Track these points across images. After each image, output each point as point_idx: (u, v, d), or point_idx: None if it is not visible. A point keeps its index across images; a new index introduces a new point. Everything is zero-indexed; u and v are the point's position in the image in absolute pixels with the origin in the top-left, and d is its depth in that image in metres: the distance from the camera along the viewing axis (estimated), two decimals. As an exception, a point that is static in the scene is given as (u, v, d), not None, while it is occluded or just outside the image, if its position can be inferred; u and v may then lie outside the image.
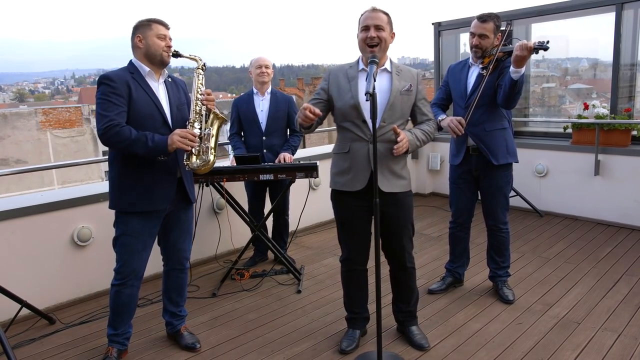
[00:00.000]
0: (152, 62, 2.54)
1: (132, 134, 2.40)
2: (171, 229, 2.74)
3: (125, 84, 2.45)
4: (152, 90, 2.54)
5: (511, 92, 2.86)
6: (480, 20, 3.01)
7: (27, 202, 3.37)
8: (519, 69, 2.77)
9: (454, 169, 3.30)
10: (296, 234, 4.64)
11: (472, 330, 2.89)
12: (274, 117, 3.84)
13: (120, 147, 2.43)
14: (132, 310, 2.70)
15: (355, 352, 2.70)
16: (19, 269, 3.24)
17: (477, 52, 3.05)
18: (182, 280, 2.86)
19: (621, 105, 4.87)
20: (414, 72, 2.62)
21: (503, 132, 3.12)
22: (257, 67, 3.84)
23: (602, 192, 4.78)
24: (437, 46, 6.32)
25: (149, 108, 2.50)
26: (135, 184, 2.52)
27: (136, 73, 2.52)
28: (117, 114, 2.40)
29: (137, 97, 2.47)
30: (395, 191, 2.55)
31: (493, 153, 3.08)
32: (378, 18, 2.45)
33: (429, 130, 2.62)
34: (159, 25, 2.54)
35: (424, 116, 2.64)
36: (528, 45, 2.71)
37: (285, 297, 3.48)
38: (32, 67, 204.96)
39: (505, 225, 3.25)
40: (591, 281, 3.51)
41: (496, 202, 3.19)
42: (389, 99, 2.50)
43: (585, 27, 5.54)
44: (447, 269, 3.50)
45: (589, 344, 2.71)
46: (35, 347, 2.92)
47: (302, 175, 3.49)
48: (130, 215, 2.55)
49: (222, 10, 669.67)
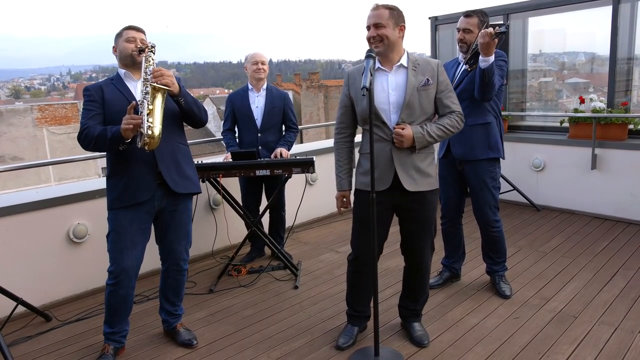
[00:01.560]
0: (127, 65, 2.63)
1: (96, 132, 2.46)
2: (167, 231, 2.71)
3: (98, 89, 2.58)
4: (127, 89, 2.61)
5: (482, 82, 2.84)
6: (465, 16, 3.04)
7: (23, 199, 3.35)
8: (487, 58, 2.76)
9: (441, 163, 3.30)
10: (293, 230, 4.63)
11: (469, 325, 2.90)
12: (270, 113, 3.81)
13: (92, 147, 2.50)
14: (128, 309, 2.69)
15: (352, 348, 2.70)
16: (15, 266, 3.22)
17: (462, 46, 3.07)
18: (179, 281, 2.84)
19: (618, 99, 4.87)
20: (433, 63, 2.51)
21: (486, 126, 3.09)
22: (253, 63, 3.81)
23: (599, 186, 4.79)
24: (434, 41, 6.31)
25: (120, 105, 2.52)
26: (120, 180, 2.56)
27: (116, 78, 2.65)
28: (90, 117, 2.52)
29: (110, 98, 2.56)
30: (421, 190, 2.51)
31: (471, 148, 3.08)
32: (376, 16, 2.42)
33: (449, 123, 2.50)
34: (128, 31, 2.63)
35: (445, 109, 2.52)
36: (488, 32, 2.71)
37: (283, 292, 3.48)
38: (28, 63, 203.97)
39: (497, 224, 3.20)
40: (588, 275, 3.52)
41: (482, 199, 3.14)
42: (405, 96, 2.44)
43: (582, 21, 5.53)
44: (444, 264, 3.50)
45: (585, 337, 2.71)
46: (31, 345, 2.91)
47: (298, 171, 3.48)
48: (117, 211, 2.56)
49: (219, 6, 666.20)
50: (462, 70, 3.11)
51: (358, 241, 2.64)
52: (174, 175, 2.63)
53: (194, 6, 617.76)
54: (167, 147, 2.58)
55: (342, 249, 4.24)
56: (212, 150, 29.26)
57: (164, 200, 2.64)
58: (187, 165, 2.72)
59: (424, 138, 2.45)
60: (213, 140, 5.76)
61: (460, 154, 3.12)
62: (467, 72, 3.04)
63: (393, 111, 2.46)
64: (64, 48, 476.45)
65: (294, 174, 3.51)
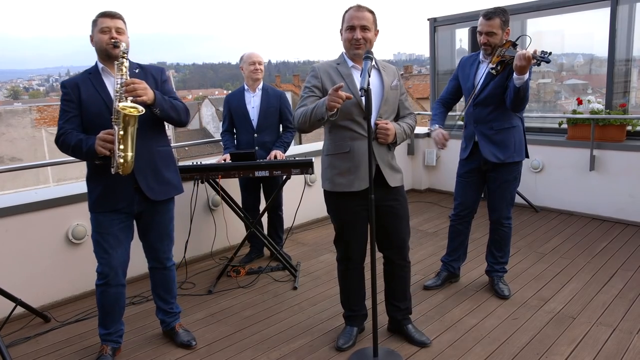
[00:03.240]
0: (103, 58, 2.51)
1: (72, 141, 2.40)
2: (148, 231, 2.68)
3: (75, 87, 2.46)
4: (105, 87, 2.49)
5: (516, 98, 2.86)
6: (485, 18, 2.96)
7: (21, 199, 3.35)
8: (521, 76, 2.77)
9: (462, 163, 3.29)
10: (292, 231, 4.63)
11: (468, 326, 2.90)
12: (266, 113, 3.80)
13: (70, 155, 2.47)
14: (122, 309, 2.68)
15: (351, 349, 2.70)
16: (14, 267, 3.22)
17: (486, 49, 3.03)
18: (168, 277, 2.81)
19: (616, 101, 4.88)
20: (393, 68, 2.66)
21: (512, 130, 3.10)
22: (251, 64, 3.81)
23: (597, 188, 4.80)
24: (433, 42, 6.31)
25: (97, 107, 2.44)
26: (98, 184, 2.51)
27: (93, 72, 2.52)
28: (67, 120, 2.45)
29: (86, 98, 2.45)
30: (398, 185, 2.59)
31: (498, 151, 3.08)
32: (364, 18, 2.43)
33: (412, 124, 2.67)
34: (103, 19, 2.46)
35: (406, 110, 2.69)
36: (527, 55, 2.68)
37: (282, 293, 3.48)
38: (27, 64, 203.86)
39: (509, 221, 3.25)
40: (586, 276, 3.52)
41: (502, 197, 3.19)
42: (383, 94, 2.51)
43: (580, 23, 5.54)
44: (443, 261, 3.50)
45: (584, 338, 2.71)
46: (30, 346, 2.91)
47: (297, 172, 3.48)
48: (97, 214, 2.54)
49: (218, 7, 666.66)
50: (486, 72, 3.05)
51: (345, 242, 2.66)
52: (152, 183, 2.57)
53: (193, 7, 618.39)
54: (144, 154, 2.50)
55: (341, 250, 4.24)
56: (211, 151, 29.26)
57: (143, 204, 2.59)
58: (166, 169, 2.64)
59: (402, 134, 2.56)
60: (212, 141, 5.77)
61: (490, 156, 3.10)
62: (491, 76, 3.01)
63: (372, 109, 2.45)
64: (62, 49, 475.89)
65: (293, 175, 3.51)
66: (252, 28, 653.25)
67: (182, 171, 3.46)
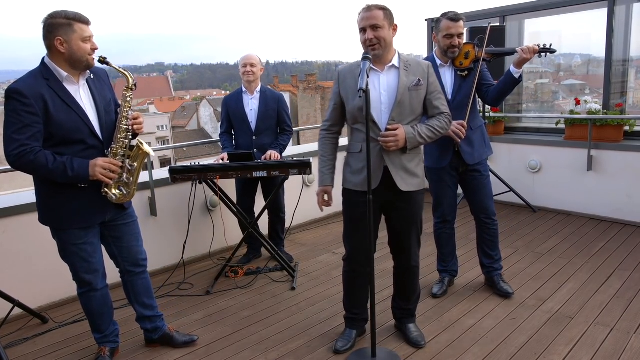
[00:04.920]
0: (75, 68, 2.26)
1: (48, 162, 2.16)
2: (123, 233, 2.58)
3: (40, 98, 2.15)
4: (72, 99, 2.25)
5: (509, 89, 3.03)
6: (455, 21, 2.99)
7: (19, 200, 3.34)
8: (519, 70, 2.93)
9: (437, 170, 3.21)
10: (290, 231, 4.63)
11: (466, 326, 2.90)
12: (264, 116, 3.80)
13: (36, 175, 2.27)
14: (110, 308, 2.65)
15: (349, 351, 2.69)
16: (11, 268, 3.21)
17: (454, 52, 3.02)
18: (148, 281, 2.74)
19: (613, 101, 4.90)
20: (424, 65, 2.53)
21: (482, 128, 3.24)
22: (243, 66, 3.80)
23: (595, 188, 4.81)
24: (431, 42, 6.32)
25: (71, 122, 2.23)
26: (67, 202, 2.33)
27: (52, 79, 2.22)
28: (31, 136, 2.13)
29: (55, 112, 2.18)
30: (411, 190, 2.53)
31: (475, 150, 3.15)
32: (373, 17, 2.41)
33: (438, 125, 2.53)
34: (82, 26, 2.22)
35: (435, 110, 2.55)
36: (533, 49, 2.88)
37: (280, 294, 3.48)
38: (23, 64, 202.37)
39: (496, 217, 3.29)
40: (584, 276, 3.53)
41: (486, 193, 3.23)
42: (397, 96, 2.45)
43: (578, 23, 5.56)
44: (441, 270, 3.44)
45: (582, 338, 2.72)
46: (27, 347, 2.90)
47: (295, 172, 3.47)
48: (67, 230, 2.38)
49: (216, 7, 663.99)
50: (450, 76, 3.09)
51: (350, 240, 2.67)
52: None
53: (191, 7, 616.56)
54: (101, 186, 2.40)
55: (340, 250, 4.24)
56: (209, 152, 29.25)
57: (113, 211, 2.51)
58: None
59: (415, 139, 2.47)
60: (210, 141, 5.81)
61: (471, 158, 3.14)
62: (461, 79, 3.08)
63: (384, 111, 2.47)
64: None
65: (291, 175, 3.50)
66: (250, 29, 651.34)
67: (180, 172, 3.47)
